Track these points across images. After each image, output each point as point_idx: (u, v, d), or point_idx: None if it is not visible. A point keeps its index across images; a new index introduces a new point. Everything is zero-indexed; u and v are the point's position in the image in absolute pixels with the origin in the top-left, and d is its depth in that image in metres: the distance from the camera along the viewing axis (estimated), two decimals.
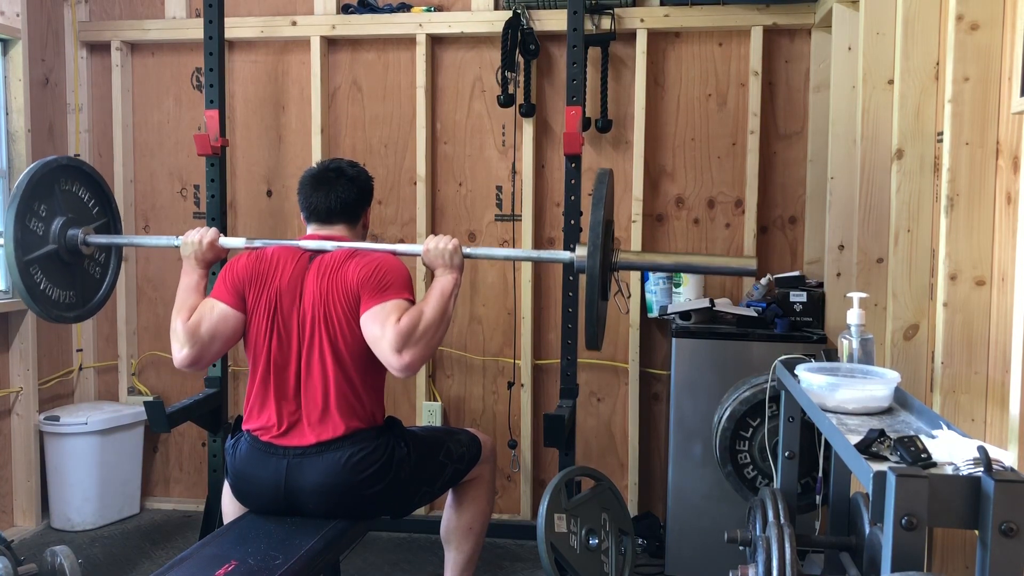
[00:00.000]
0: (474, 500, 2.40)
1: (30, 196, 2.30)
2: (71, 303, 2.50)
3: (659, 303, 3.24)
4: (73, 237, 2.42)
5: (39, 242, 2.35)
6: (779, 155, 3.31)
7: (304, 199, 2.28)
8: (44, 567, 2.49)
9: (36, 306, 2.35)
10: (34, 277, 2.34)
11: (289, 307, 2.13)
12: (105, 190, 2.62)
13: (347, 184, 2.27)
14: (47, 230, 2.38)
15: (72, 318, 2.54)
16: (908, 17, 2.12)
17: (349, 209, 2.27)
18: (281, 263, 2.17)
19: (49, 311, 2.41)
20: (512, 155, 3.42)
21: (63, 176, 2.44)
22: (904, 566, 1.19)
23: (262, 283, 2.16)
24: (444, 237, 2.22)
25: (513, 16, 3.24)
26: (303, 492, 2.09)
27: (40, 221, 2.35)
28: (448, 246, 2.19)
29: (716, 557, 2.77)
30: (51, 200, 2.39)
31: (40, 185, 2.34)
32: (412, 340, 2.04)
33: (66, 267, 2.46)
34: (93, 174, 2.57)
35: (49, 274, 2.39)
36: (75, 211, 2.48)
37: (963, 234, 1.84)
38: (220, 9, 3.07)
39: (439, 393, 3.54)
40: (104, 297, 2.63)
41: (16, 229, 2.26)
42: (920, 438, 1.35)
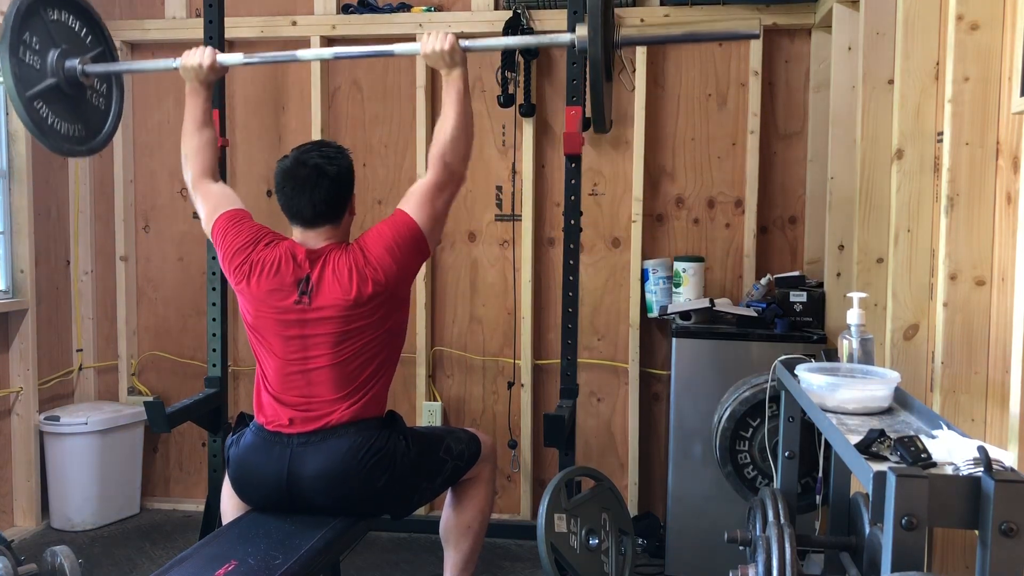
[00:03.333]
0: (473, 499, 2.40)
1: (20, 27, 2.22)
2: (80, 136, 2.45)
3: (659, 303, 3.24)
4: (71, 68, 2.36)
5: (38, 76, 2.30)
6: (779, 155, 3.31)
7: (285, 201, 2.19)
8: (44, 567, 2.49)
9: (46, 140, 2.32)
10: (40, 112, 2.29)
11: (290, 314, 2.14)
12: (95, 18, 2.52)
13: (329, 185, 2.16)
14: (43, 63, 2.31)
15: (84, 151, 2.50)
16: (908, 17, 2.11)
17: (333, 208, 2.20)
18: (274, 270, 2.16)
19: (60, 145, 2.37)
20: (512, 155, 3.42)
21: (50, 4, 2.35)
22: (904, 566, 1.19)
23: (251, 287, 2.17)
24: (439, 35, 2.19)
25: (513, 16, 3.24)
26: (305, 480, 2.10)
27: (35, 54, 2.29)
28: (445, 46, 2.17)
29: (716, 557, 2.77)
30: (42, 31, 2.31)
31: (28, 16, 2.26)
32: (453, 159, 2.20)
33: (69, 100, 2.40)
34: (81, 2, 2.48)
35: (54, 108, 2.34)
36: (69, 41, 2.40)
37: (963, 234, 1.84)
38: (220, 9, 3.07)
39: (439, 393, 3.54)
40: (112, 128, 2.57)
41: (12, 63, 2.19)
42: (920, 438, 1.35)
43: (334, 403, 2.13)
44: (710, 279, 3.30)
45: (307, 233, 2.21)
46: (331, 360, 2.13)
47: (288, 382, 2.16)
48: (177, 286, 3.66)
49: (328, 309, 2.11)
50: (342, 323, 2.12)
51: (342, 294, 2.11)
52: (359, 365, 2.15)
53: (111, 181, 3.63)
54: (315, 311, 2.13)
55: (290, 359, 2.15)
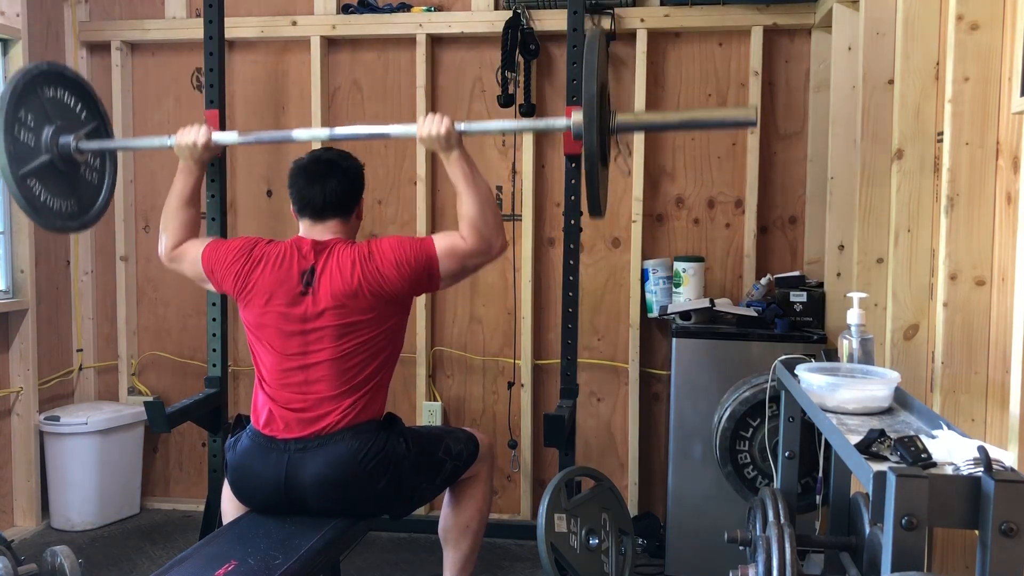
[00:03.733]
0: (472, 498, 2.40)
1: (15, 106, 2.23)
2: (72, 212, 2.45)
3: (659, 303, 3.24)
4: (66, 144, 2.36)
5: (32, 153, 2.29)
6: (779, 155, 3.31)
7: (297, 192, 2.25)
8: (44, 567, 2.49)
9: (39, 218, 2.32)
10: (32, 190, 2.28)
11: (295, 307, 2.14)
12: (90, 93, 2.53)
13: (340, 176, 2.24)
14: (38, 140, 2.31)
15: (76, 226, 2.50)
16: (908, 17, 2.11)
17: (343, 202, 2.25)
18: (279, 263, 2.17)
19: (52, 222, 2.37)
20: (512, 155, 3.42)
21: (45, 83, 2.35)
22: (904, 566, 1.19)
23: (253, 290, 2.18)
24: (435, 120, 2.19)
25: (513, 16, 3.24)
26: (303, 486, 2.10)
27: (29, 132, 2.29)
28: (442, 130, 2.17)
29: (716, 557, 2.77)
30: (37, 108, 2.31)
31: (24, 94, 2.26)
32: (487, 236, 2.18)
33: (63, 176, 2.40)
34: (77, 78, 2.49)
35: (47, 185, 2.34)
36: (64, 118, 2.40)
37: (963, 234, 1.84)
38: (220, 9, 3.07)
39: (439, 393, 3.54)
40: (104, 203, 2.57)
41: (7, 142, 2.19)
42: (920, 438, 1.35)
43: (332, 402, 2.12)
44: (710, 279, 3.30)
45: (315, 227, 2.24)
46: (330, 355, 2.12)
47: (287, 381, 2.15)
48: (177, 286, 3.66)
49: (329, 300, 2.12)
50: (342, 314, 2.12)
51: (343, 284, 2.12)
52: (358, 364, 2.15)
53: None
54: (316, 306, 2.13)
55: (289, 355, 2.15)
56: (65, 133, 2.38)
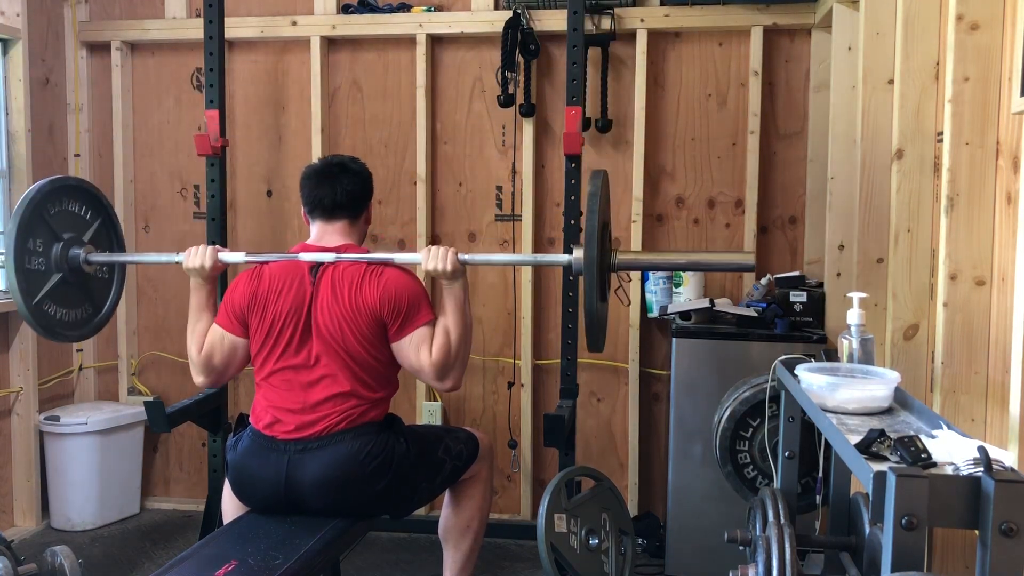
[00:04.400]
0: (472, 498, 2.40)
1: (23, 239, 2.22)
2: (86, 317, 2.48)
3: (659, 303, 3.24)
4: (75, 258, 2.38)
5: (43, 277, 2.30)
6: (779, 155, 3.31)
7: (308, 193, 2.29)
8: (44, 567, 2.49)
9: (54, 338, 2.36)
10: (47, 312, 2.31)
11: (296, 322, 2.15)
12: (91, 191, 2.52)
13: (351, 178, 2.29)
14: (48, 261, 2.32)
15: (90, 331, 2.51)
16: (908, 17, 2.12)
17: (353, 203, 2.29)
18: (284, 282, 2.18)
19: (67, 334, 2.40)
20: (512, 155, 3.42)
21: (49, 202, 2.34)
22: (904, 566, 1.19)
23: (264, 305, 2.19)
24: (440, 251, 2.20)
25: (513, 16, 3.24)
26: (303, 487, 2.10)
27: (39, 257, 2.29)
28: (448, 267, 2.18)
29: (716, 557, 2.77)
30: (44, 230, 2.31)
31: (30, 223, 2.25)
32: (448, 366, 2.19)
33: (74, 286, 2.42)
34: (79, 184, 2.49)
35: (60, 301, 2.36)
36: (70, 227, 2.41)
37: (963, 234, 1.84)
38: (220, 9, 3.07)
39: (439, 393, 3.53)
40: (116, 296, 2.59)
41: (19, 280, 2.20)
42: (920, 438, 1.35)
43: (333, 405, 2.13)
44: (710, 279, 3.30)
45: (325, 227, 2.28)
46: (332, 361, 2.13)
47: (288, 384, 2.16)
48: (177, 286, 3.66)
49: (334, 292, 2.14)
50: (346, 309, 2.13)
51: (351, 279, 2.15)
52: (361, 367, 2.15)
53: (111, 181, 3.62)
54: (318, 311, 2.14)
55: (292, 360, 2.15)
56: (74, 246, 2.38)
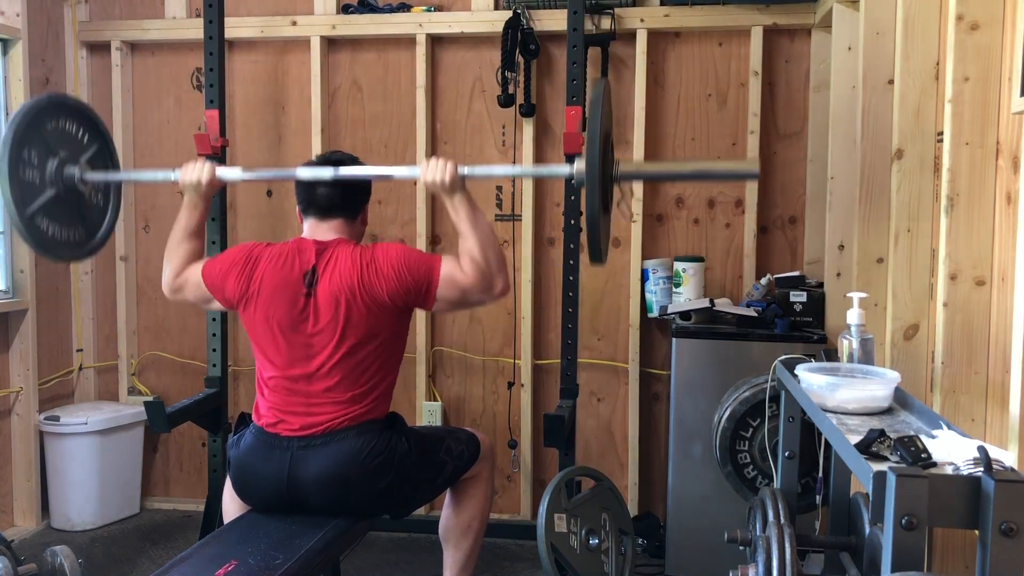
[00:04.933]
0: (472, 498, 2.40)
1: (18, 147, 2.21)
2: (80, 240, 2.43)
3: (659, 303, 3.24)
4: (70, 176, 2.35)
5: (38, 190, 2.28)
6: (779, 155, 3.31)
7: (303, 190, 2.23)
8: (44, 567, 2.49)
9: (46, 254, 2.32)
10: (40, 227, 2.28)
11: (296, 307, 2.14)
12: (91, 116, 2.50)
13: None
14: (43, 175, 2.29)
15: (84, 254, 2.48)
16: (908, 17, 2.11)
17: (349, 202, 2.24)
18: (277, 289, 2.15)
19: (61, 253, 2.36)
20: (512, 155, 3.42)
21: (47, 116, 2.32)
22: (904, 566, 1.19)
23: (254, 305, 2.17)
24: (439, 165, 2.14)
25: (513, 16, 3.24)
26: (305, 484, 2.10)
27: (33, 169, 2.27)
28: (446, 178, 2.12)
29: (716, 557, 2.77)
30: (40, 144, 2.29)
31: (27, 134, 2.24)
32: (489, 276, 2.14)
33: (69, 206, 2.38)
34: (77, 104, 2.47)
35: (53, 217, 2.32)
36: (66, 146, 2.38)
37: (963, 234, 1.84)
38: (220, 9, 3.07)
39: (439, 393, 3.54)
40: (111, 224, 2.56)
41: (12, 188, 2.18)
42: (920, 438, 1.35)
43: (335, 404, 2.13)
44: (710, 279, 3.30)
45: (319, 225, 2.23)
46: (333, 358, 2.12)
47: (289, 382, 2.16)
48: None
49: (328, 299, 2.11)
50: (342, 316, 2.11)
51: (341, 284, 2.11)
52: (361, 366, 2.15)
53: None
54: (318, 303, 2.13)
55: (292, 356, 2.15)
56: (69, 163, 2.36)
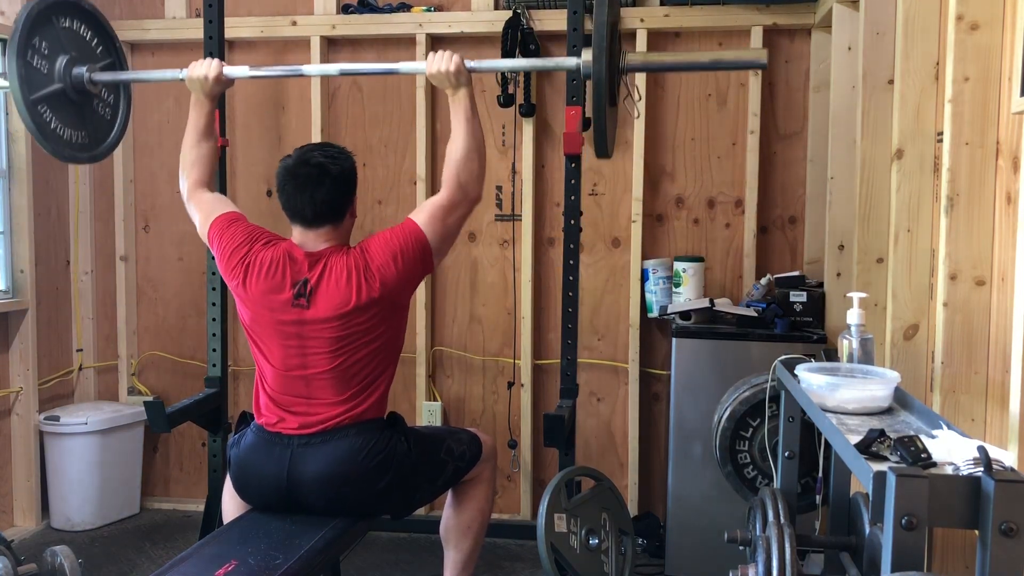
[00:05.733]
0: (474, 499, 2.40)
1: (30, 31, 2.21)
2: (83, 143, 2.44)
3: (659, 303, 3.24)
4: (79, 75, 2.35)
5: (45, 80, 2.28)
6: (779, 155, 3.31)
7: (286, 200, 2.16)
8: (44, 567, 2.49)
9: (48, 144, 2.31)
10: (43, 116, 2.27)
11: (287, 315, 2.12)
12: (108, 29, 2.51)
13: (331, 185, 2.13)
14: (51, 68, 2.30)
15: (86, 158, 2.49)
16: (908, 17, 2.11)
17: (335, 209, 2.17)
18: (271, 271, 2.14)
19: (62, 150, 2.35)
20: (512, 155, 3.42)
21: (62, 12, 2.33)
22: (904, 566, 1.19)
23: (247, 295, 2.16)
24: (445, 56, 2.17)
25: (513, 16, 3.24)
26: (305, 482, 2.10)
27: (43, 59, 2.27)
28: (451, 67, 2.15)
29: (716, 557, 2.77)
30: (52, 37, 2.29)
31: (39, 20, 2.24)
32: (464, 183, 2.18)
33: (75, 107, 2.39)
34: (95, 12, 2.47)
35: (58, 113, 2.32)
36: (78, 50, 2.38)
37: (963, 234, 1.84)
38: (220, 9, 3.07)
39: (439, 393, 3.53)
40: (117, 138, 2.56)
41: (19, 65, 2.17)
42: (920, 438, 1.35)
43: (334, 406, 2.13)
44: (710, 279, 3.30)
45: (307, 234, 2.18)
46: (330, 365, 2.12)
47: (287, 386, 2.15)
48: (177, 286, 3.66)
49: (327, 315, 2.10)
50: (341, 328, 2.11)
51: (341, 300, 2.09)
52: (359, 369, 2.14)
53: (111, 181, 3.63)
54: (313, 318, 2.11)
55: (289, 364, 2.15)
56: (79, 64, 2.36)
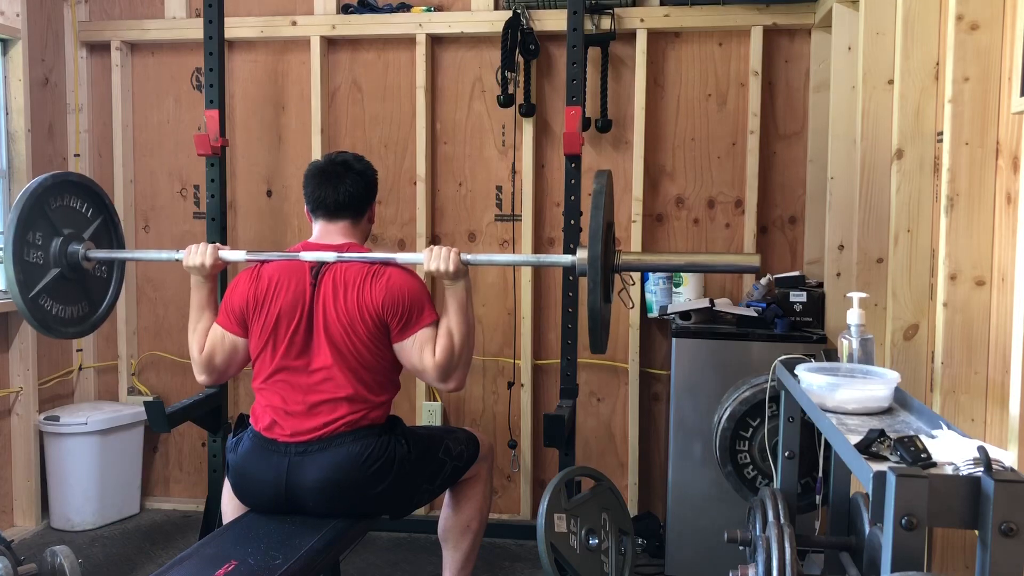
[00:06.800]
0: (472, 498, 2.40)
1: (23, 231, 2.23)
2: (83, 314, 2.47)
3: (659, 303, 3.24)
4: (74, 254, 2.37)
5: (41, 271, 2.31)
6: (779, 155, 3.31)
7: (311, 192, 2.28)
8: (44, 567, 2.49)
9: (49, 333, 2.35)
10: (43, 307, 2.31)
11: (297, 322, 2.14)
12: (95, 190, 2.53)
13: (355, 178, 2.28)
14: (47, 255, 2.32)
15: (88, 328, 2.51)
16: (908, 17, 2.12)
17: (356, 203, 2.29)
18: (283, 282, 2.17)
19: (65, 331, 2.39)
20: (512, 155, 3.42)
21: (51, 196, 2.34)
22: (904, 566, 1.19)
23: (263, 306, 2.18)
24: (442, 252, 2.20)
25: (513, 16, 3.24)
26: (304, 489, 2.10)
27: (38, 250, 2.29)
28: (451, 267, 2.17)
29: (716, 557, 2.78)
30: (44, 224, 2.31)
31: (31, 215, 2.25)
32: (452, 367, 2.18)
33: (72, 282, 2.41)
34: (81, 181, 2.49)
35: (57, 297, 2.36)
36: (70, 223, 2.41)
37: (963, 234, 1.84)
38: (220, 9, 3.07)
39: (439, 393, 3.53)
40: (114, 299, 2.59)
41: (16, 271, 2.20)
42: (920, 438, 1.35)
43: (334, 408, 2.12)
44: (710, 279, 3.30)
45: (328, 226, 2.27)
46: (332, 367, 2.12)
47: (287, 388, 2.16)
48: (177, 286, 3.66)
49: (337, 300, 2.13)
50: (346, 323, 2.12)
51: (352, 287, 2.13)
52: (361, 371, 2.15)
53: (111, 181, 3.62)
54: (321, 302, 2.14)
55: (290, 364, 2.15)
56: (73, 241, 2.38)
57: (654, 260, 2.64)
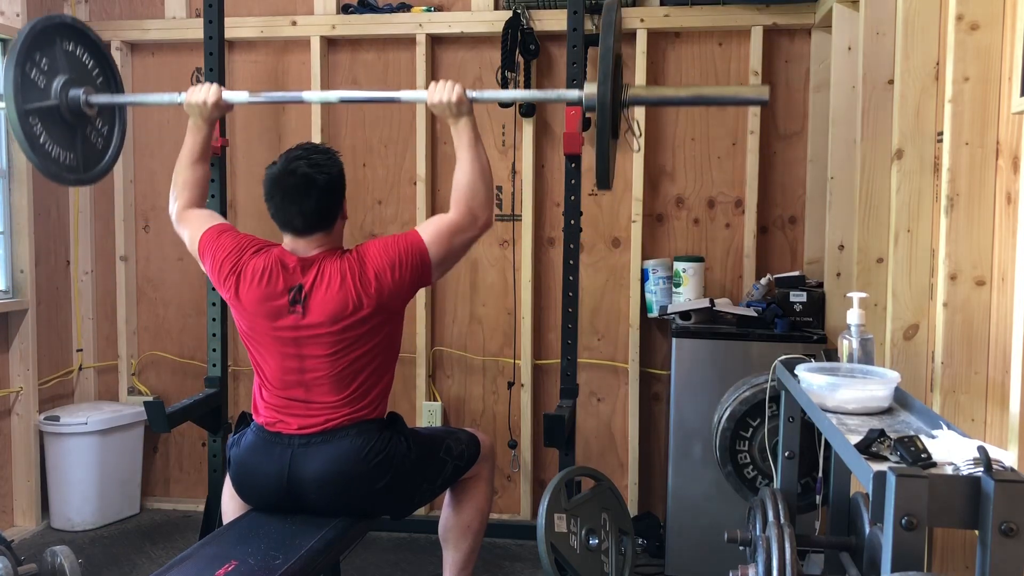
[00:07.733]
0: (472, 499, 2.40)
1: (31, 44, 2.21)
2: (71, 165, 2.41)
3: (659, 303, 3.24)
4: (75, 96, 2.34)
5: (40, 95, 2.27)
6: (779, 155, 3.31)
7: (275, 210, 2.14)
8: (44, 567, 2.49)
9: (35, 158, 2.28)
10: (33, 128, 2.25)
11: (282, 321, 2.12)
12: (109, 61, 2.51)
13: (319, 195, 2.10)
14: (48, 85, 2.29)
15: (72, 180, 2.45)
16: (908, 17, 2.11)
17: (324, 218, 2.15)
18: (264, 278, 2.13)
19: (48, 167, 2.33)
20: (512, 155, 3.42)
21: (66, 35, 2.34)
22: (904, 566, 1.19)
23: (240, 305, 2.15)
24: (447, 86, 2.16)
25: (513, 16, 3.24)
26: (305, 482, 2.10)
27: (41, 74, 2.26)
28: (453, 97, 2.15)
29: (716, 557, 2.77)
30: (53, 55, 2.29)
31: (42, 37, 2.24)
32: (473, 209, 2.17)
33: (68, 127, 2.37)
34: (98, 41, 2.48)
35: (49, 130, 2.31)
36: (77, 72, 2.38)
37: (963, 234, 1.84)
38: (220, 9, 3.07)
39: (439, 393, 3.53)
40: (106, 167, 2.55)
41: (16, 74, 2.16)
42: (920, 438, 1.35)
43: (334, 408, 2.13)
44: (710, 279, 3.30)
45: (298, 241, 2.16)
46: (328, 370, 2.12)
47: (286, 391, 2.16)
48: (177, 286, 3.66)
49: (323, 320, 2.09)
50: (337, 334, 2.10)
51: (337, 305, 2.08)
52: (357, 371, 2.14)
53: (111, 181, 3.62)
54: (309, 323, 2.10)
55: (287, 368, 2.15)
56: (76, 87, 2.36)
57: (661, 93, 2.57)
